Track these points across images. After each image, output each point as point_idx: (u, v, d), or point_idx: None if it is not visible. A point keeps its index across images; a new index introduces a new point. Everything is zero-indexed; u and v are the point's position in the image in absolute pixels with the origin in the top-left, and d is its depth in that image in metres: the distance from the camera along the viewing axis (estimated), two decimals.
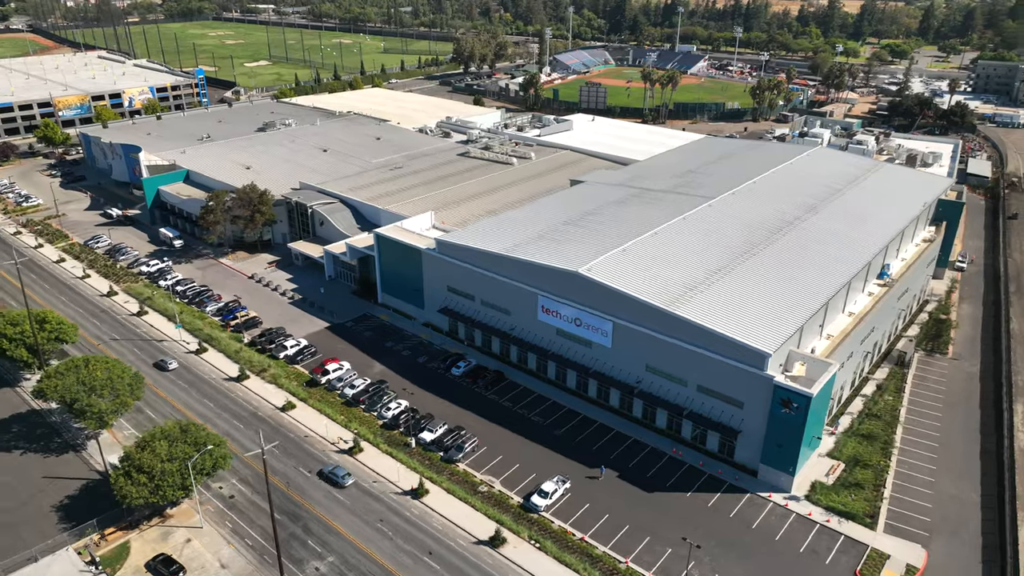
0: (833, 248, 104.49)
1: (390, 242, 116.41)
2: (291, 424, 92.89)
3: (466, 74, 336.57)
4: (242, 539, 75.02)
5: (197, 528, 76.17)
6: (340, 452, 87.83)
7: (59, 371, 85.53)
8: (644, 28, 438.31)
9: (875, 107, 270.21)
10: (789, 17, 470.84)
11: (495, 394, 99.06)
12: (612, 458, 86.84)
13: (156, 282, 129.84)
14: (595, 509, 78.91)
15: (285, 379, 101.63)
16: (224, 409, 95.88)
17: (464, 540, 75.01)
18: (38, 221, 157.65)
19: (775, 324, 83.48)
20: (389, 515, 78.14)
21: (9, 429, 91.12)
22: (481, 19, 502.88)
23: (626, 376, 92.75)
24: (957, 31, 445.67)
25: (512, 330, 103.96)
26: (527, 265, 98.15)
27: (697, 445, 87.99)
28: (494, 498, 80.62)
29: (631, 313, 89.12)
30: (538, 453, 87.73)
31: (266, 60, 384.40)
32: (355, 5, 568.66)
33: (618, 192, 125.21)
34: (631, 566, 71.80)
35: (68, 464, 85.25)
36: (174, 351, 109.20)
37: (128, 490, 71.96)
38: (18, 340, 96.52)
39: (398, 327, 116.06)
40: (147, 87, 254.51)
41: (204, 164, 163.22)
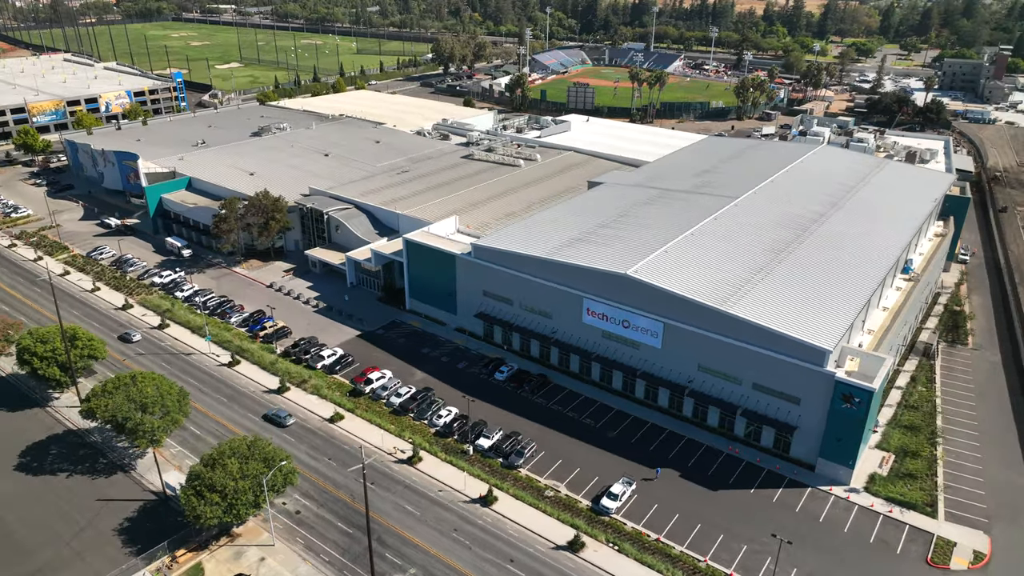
0: (861, 244, 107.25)
1: (421, 248, 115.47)
2: (343, 435, 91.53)
3: (446, 75, 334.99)
4: (317, 555, 73.76)
5: (269, 546, 74.62)
6: (398, 462, 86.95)
7: (107, 389, 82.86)
8: (617, 28, 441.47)
9: (851, 104, 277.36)
10: (755, 16, 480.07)
11: (542, 398, 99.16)
12: (670, 458, 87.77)
13: (172, 293, 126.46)
14: (664, 509, 79.68)
15: (327, 390, 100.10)
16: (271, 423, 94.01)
17: (542, 546, 75.02)
18: (32, 233, 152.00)
19: (827, 321, 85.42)
20: (462, 524, 77.68)
21: (49, 451, 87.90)
22: (451, 19, 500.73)
23: (676, 376, 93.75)
24: (915, 29, 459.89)
25: (554, 333, 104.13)
26: (572, 268, 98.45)
27: (751, 442, 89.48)
28: (562, 502, 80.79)
29: (683, 314, 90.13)
30: (596, 456, 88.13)
31: (237, 62, 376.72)
32: (321, 5, 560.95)
33: (641, 193, 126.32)
34: (711, 564, 72.76)
35: (119, 485, 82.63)
36: (205, 365, 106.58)
37: (202, 510, 70.09)
38: (49, 358, 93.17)
39: (431, 333, 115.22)
40: (124, 91, 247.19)
41: (205, 171, 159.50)
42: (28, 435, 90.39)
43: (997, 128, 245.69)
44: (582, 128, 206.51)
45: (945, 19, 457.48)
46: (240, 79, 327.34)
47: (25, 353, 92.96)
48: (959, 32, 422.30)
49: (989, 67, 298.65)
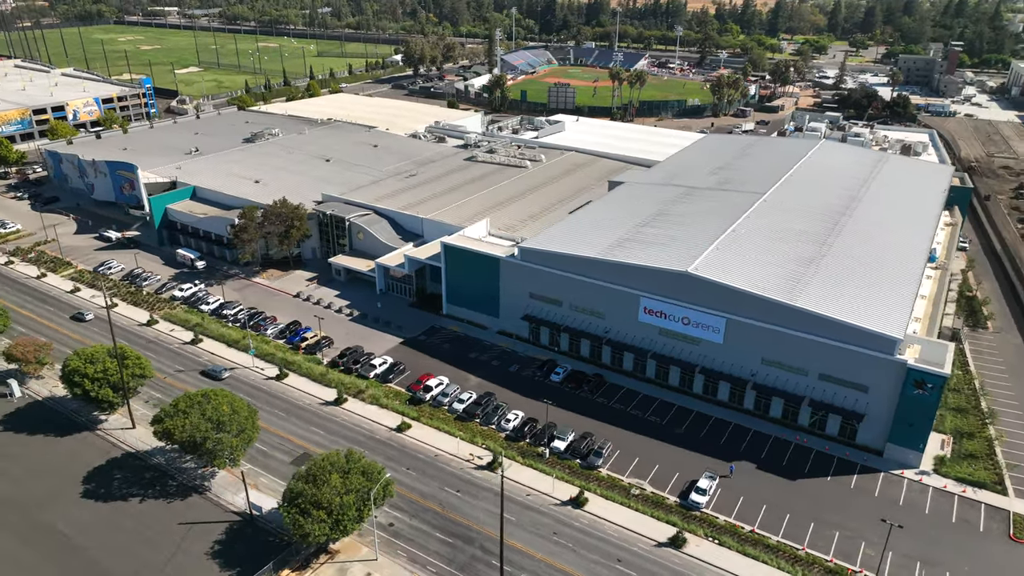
0: (891, 235, 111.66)
1: (461, 252, 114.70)
2: (415, 445, 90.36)
3: (416, 76, 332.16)
4: (423, 567, 72.76)
5: (372, 560, 73.23)
6: (479, 468, 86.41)
7: (180, 408, 79.89)
8: (580, 28, 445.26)
9: (818, 100, 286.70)
10: (707, 15, 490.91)
11: (602, 397, 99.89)
12: (741, 451, 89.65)
13: (196, 307, 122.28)
14: (751, 501, 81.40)
15: (385, 399, 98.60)
16: (336, 435, 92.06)
17: (644, 544, 75.74)
18: (28, 249, 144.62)
19: (888, 310, 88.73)
20: (560, 527, 77.75)
21: (113, 476, 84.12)
22: (409, 20, 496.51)
23: (739, 370, 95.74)
24: (860, 27, 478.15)
25: (607, 333, 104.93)
26: (629, 268, 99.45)
27: (815, 430, 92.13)
28: (650, 500, 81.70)
29: (746, 308, 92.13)
30: (669, 452, 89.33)
31: (195, 66, 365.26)
32: (272, 7, 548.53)
33: (667, 192, 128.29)
34: (809, 552, 74.77)
35: (198, 508, 79.72)
36: (251, 379, 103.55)
37: (310, 528, 68.34)
38: (101, 379, 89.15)
39: (474, 337, 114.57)
40: (91, 99, 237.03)
41: (207, 179, 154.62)
42: (85, 460, 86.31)
43: (959, 120, 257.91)
44: (575, 128, 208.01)
45: (887, 16, 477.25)
46: (204, 84, 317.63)
47: (75, 375, 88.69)
48: (902, 29, 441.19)
49: (941, 63, 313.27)
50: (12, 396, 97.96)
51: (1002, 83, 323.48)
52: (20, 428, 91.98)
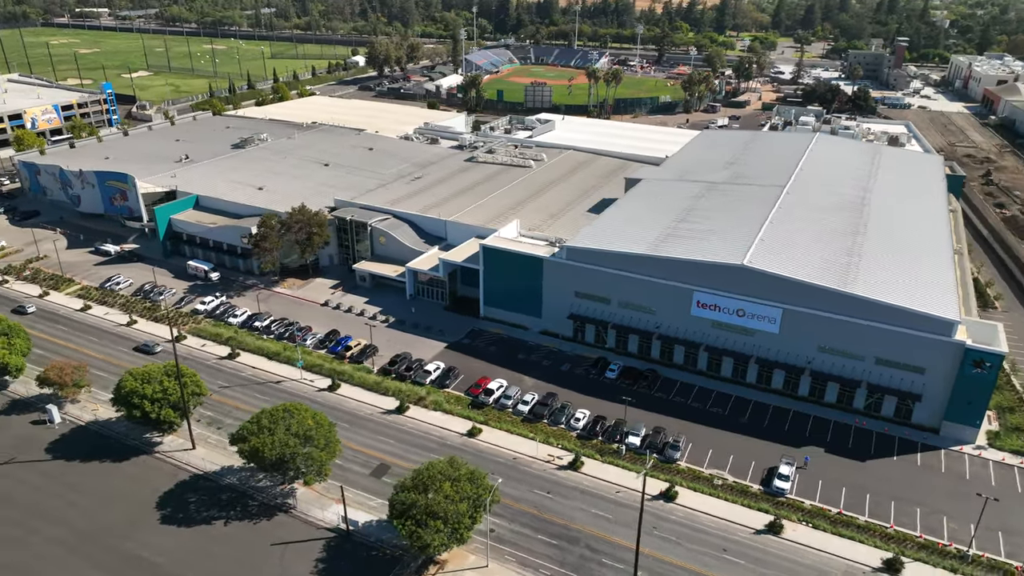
0: (913, 222, 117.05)
1: (500, 253, 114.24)
2: (490, 449, 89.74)
3: (382, 78, 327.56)
4: (535, 571, 72.50)
5: (482, 567, 72.52)
6: (561, 468, 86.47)
7: (263, 425, 77.21)
8: (538, 27, 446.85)
9: (780, 95, 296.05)
10: (655, 14, 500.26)
11: (660, 392, 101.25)
12: (807, 437, 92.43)
13: (223, 320, 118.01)
14: (830, 484, 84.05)
15: (447, 404, 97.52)
16: (407, 443, 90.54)
17: (743, 533, 77.35)
18: (20, 266, 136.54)
19: (938, 294, 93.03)
20: (658, 522, 78.57)
21: (187, 500, 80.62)
22: (360, 20, 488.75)
23: (794, 358, 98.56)
24: (801, 23, 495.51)
25: (657, 328, 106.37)
26: (681, 263, 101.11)
27: (872, 413, 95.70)
28: (735, 489, 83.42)
29: (801, 298, 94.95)
30: (739, 442, 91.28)
31: (145, 70, 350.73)
32: (213, 8, 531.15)
33: (688, 188, 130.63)
34: (898, 529, 77.84)
35: (287, 526, 77.23)
36: (303, 392, 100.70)
37: (429, 538, 67.23)
38: (160, 399, 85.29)
39: (517, 339, 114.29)
40: (50, 106, 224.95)
41: (207, 187, 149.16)
42: (153, 485, 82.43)
43: (915, 112, 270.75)
44: (563, 127, 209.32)
45: (825, 14, 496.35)
46: (159, 88, 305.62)
47: (132, 396, 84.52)
48: (841, 25, 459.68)
49: (889, 57, 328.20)
50: (52, 422, 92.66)
51: (943, 76, 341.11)
52: (72, 455, 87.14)
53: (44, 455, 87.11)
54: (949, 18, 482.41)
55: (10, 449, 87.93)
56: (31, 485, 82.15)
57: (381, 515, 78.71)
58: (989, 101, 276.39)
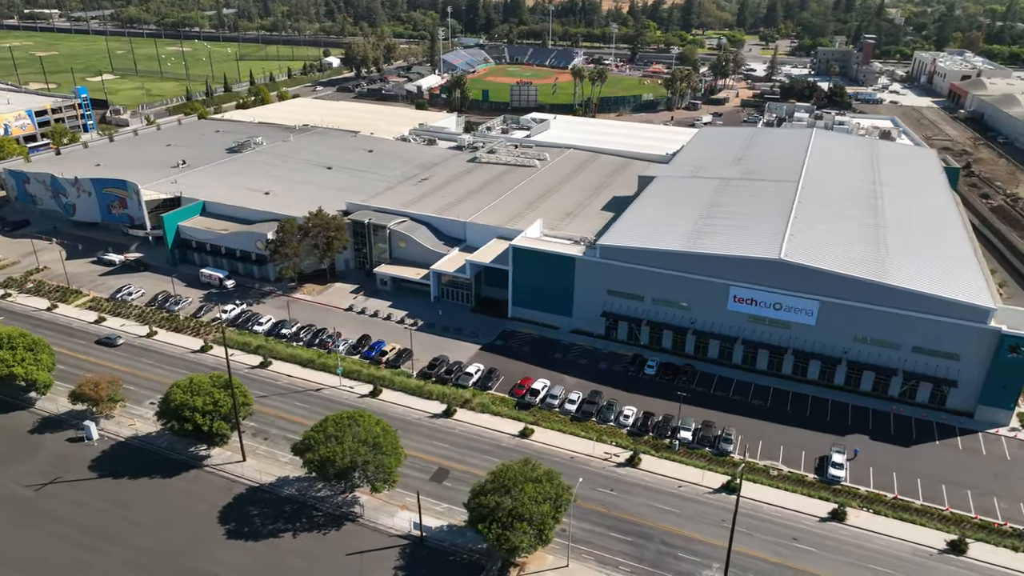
0: (927, 213, 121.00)
1: (530, 253, 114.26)
2: (545, 449, 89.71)
3: (360, 79, 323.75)
4: (615, 568, 72.87)
5: (563, 567, 72.59)
6: (619, 466, 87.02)
7: (330, 434, 75.95)
8: (512, 27, 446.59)
9: (757, 92, 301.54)
10: (622, 13, 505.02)
11: (700, 386, 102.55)
12: (849, 425, 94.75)
13: (247, 328, 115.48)
14: (880, 470, 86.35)
15: (494, 406, 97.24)
16: (461, 447, 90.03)
17: (808, 521, 78.97)
18: (20, 279, 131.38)
19: (970, 282, 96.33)
20: (726, 514, 79.31)
21: (249, 513, 78.73)
22: (327, 21, 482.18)
23: (830, 349, 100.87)
24: (764, 21, 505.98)
25: (692, 323, 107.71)
26: (717, 258, 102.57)
27: (906, 400, 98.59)
28: (791, 479, 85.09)
29: (838, 290, 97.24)
30: (785, 433, 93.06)
31: (110, 73, 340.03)
32: (171, 9, 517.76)
33: (705, 184, 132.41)
34: (953, 511, 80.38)
35: (358, 536, 76.09)
36: (344, 399, 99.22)
37: (517, 540, 67.05)
38: (212, 411, 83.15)
39: (550, 338, 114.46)
40: (23, 111, 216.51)
41: (211, 193, 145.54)
42: (210, 500, 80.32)
43: (887, 107, 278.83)
44: (559, 126, 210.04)
45: (787, 12, 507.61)
46: (130, 92, 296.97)
47: (183, 409, 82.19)
48: (803, 23, 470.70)
49: (857, 54, 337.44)
50: (91, 439, 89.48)
51: (907, 72, 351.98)
52: (119, 473, 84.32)
53: (89, 473, 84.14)
54: (903, 16, 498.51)
55: (51, 468, 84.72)
56: (84, 505, 79.31)
57: (450, 519, 78.37)
58: (956, 96, 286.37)
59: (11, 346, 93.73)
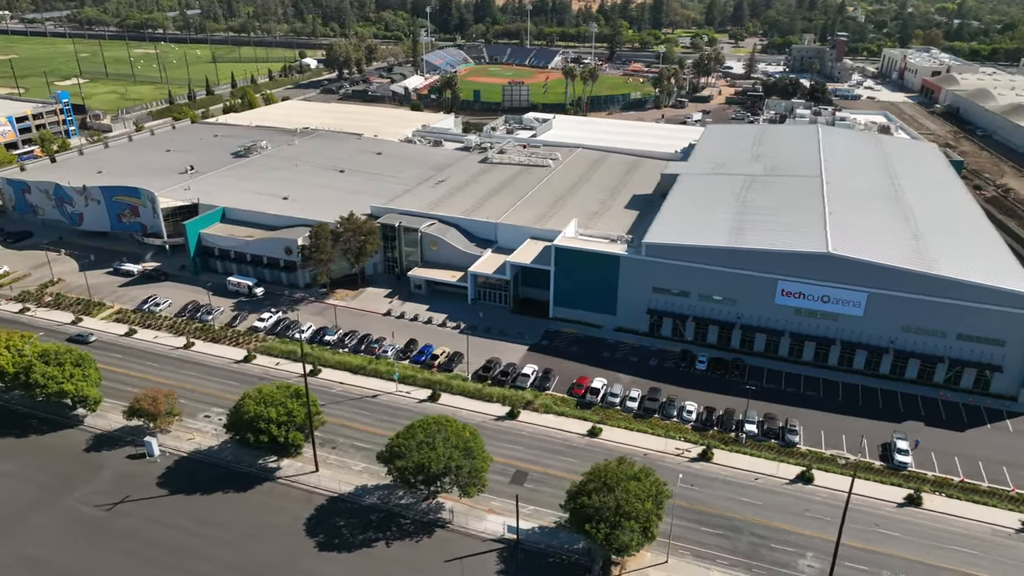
0: (947, 205, 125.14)
1: (573, 253, 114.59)
2: (617, 447, 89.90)
3: (342, 80, 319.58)
4: (712, 562, 73.69)
5: (662, 563, 73.12)
6: (693, 461, 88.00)
7: (419, 440, 75.18)
8: (489, 27, 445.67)
9: (740, 90, 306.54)
10: (591, 12, 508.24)
11: (752, 380, 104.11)
12: (902, 412, 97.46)
13: (288, 336, 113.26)
14: (942, 455, 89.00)
15: (556, 406, 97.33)
16: (533, 448, 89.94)
17: (886, 508, 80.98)
18: (36, 292, 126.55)
19: (1010, 269, 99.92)
20: (808, 504, 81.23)
21: (336, 524, 77.38)
22: (297, 21, 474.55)
23: (877, 339, 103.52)
24: (731, 20, 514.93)
25: (739, 318, 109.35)
26: (765, 253, 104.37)
27: (951, 386, 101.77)
28: (860, 467, 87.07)
29: (886, 281, 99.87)
30: (843, 422, 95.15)
31: (79, 77, 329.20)
32: (130, 10, 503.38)
33: (730, 181, 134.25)
34: (1020, 492, 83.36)
35: (451, 542, 75.46)
36: (404, 405, 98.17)
37: (627, 538, 67.41)
38: (286, 422, 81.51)
39: (595, 337, 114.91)
40: (4, 118, 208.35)
41: (226, 199, 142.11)
42: (291, 512, 78.70)
43: (865, 102, 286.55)
44: (560, 125, 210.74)
45: (753, 10, 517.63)
46: (105, 96, 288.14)
47: (259, 421, 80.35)
48: (770, 22, 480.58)
49: (830, 51, 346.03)
50: (152, 456, 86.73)
51: (877, 69, 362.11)
52: (190, 488, 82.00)
53: (159, 490, 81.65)
54: (863, 14, 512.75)
55: (118, 487, 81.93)
56: (162, 523, 76.93)
57: (538, 521, 78.24)
58: (929, 91, 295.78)
59: (58, 362, 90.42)
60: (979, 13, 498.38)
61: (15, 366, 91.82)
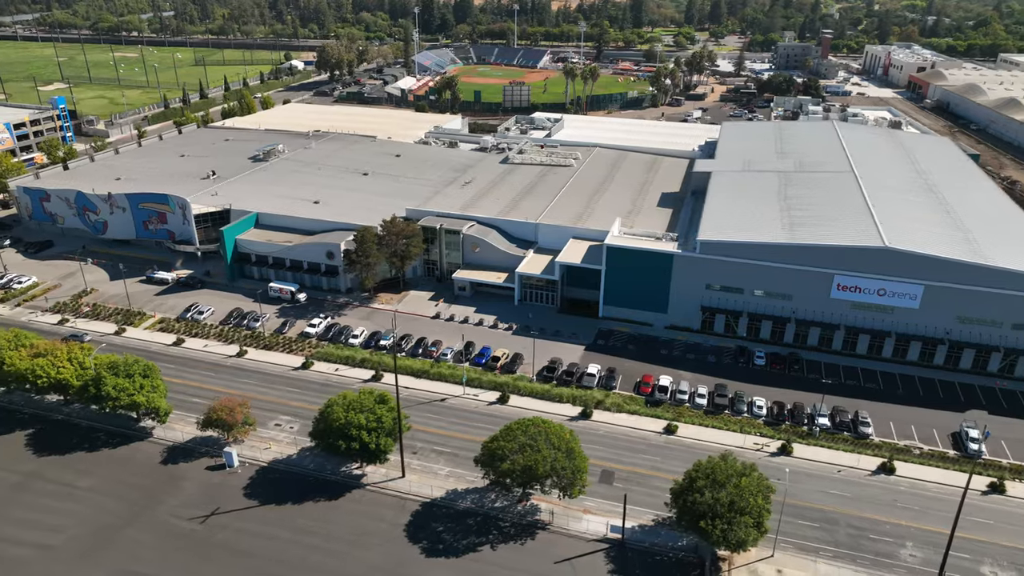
0: (978, 195, 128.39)
1: (625, 252, 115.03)
2: (696, 444, 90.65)
3: (334, 82, 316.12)
4: (817, 554, 74.57)
5: (769, 558, 73.79)
6: (773, 455, 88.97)
7: (523, 443, 74.91)
8: (475, 27, 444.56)
9: (731, 88, 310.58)
10: (570, 12, 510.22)
11: (812, 374, 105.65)
12: (962, 400, 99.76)
13: (341, 342, 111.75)
14: (1013, 442, 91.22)
15: (626, 405, 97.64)
16: (613, 447, 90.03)
17: (969, 495, 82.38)
18: (72, 303, 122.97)
19: None
20: (894, 495, 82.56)
21: (435, 530, 76.60)
22: (277, 24, 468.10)
23: (933, 331, 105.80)
24: (709, 18, 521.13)
25: (794, 313, 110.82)
26: (820, 249, 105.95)
27: (1005, 375, 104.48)
28: (934, 456, 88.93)
29: (942, 273, 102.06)
30: (909, 413, 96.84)
31: (60, 82, 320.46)
32: (104, 13, 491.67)
33: (766, 178, 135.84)
34: None
35: (556, 543, 75.18)
36: (472, 408, 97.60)
37: (744, 533, 67.96)
38: (376, 428, 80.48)
39: (648, 335, 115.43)
40: (2, 125, 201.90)
41: (256, 204, 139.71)
42: (387, 519, 77.77)
43: (856, 98, 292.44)
44: (571, 125, 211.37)
45: (730, 8, 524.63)
46: (93, 101, 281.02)
47: (350, 428, 79.15)
48: (748, 20, 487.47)
49: (816, 49, 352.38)
50: (232, 466, 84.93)
51: (861, 65, 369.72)
52: (280, 498, 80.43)
53: (248, 501, 79.97)
54: (836, 11, 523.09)
55: (205, 500, 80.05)
56: (260, 535, 75.34)
57: (638, 520, 78.36)
58: (916, 86, 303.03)
59: (127, 373, 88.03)
60: (947, 10, 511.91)
61: (79, 379, 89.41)
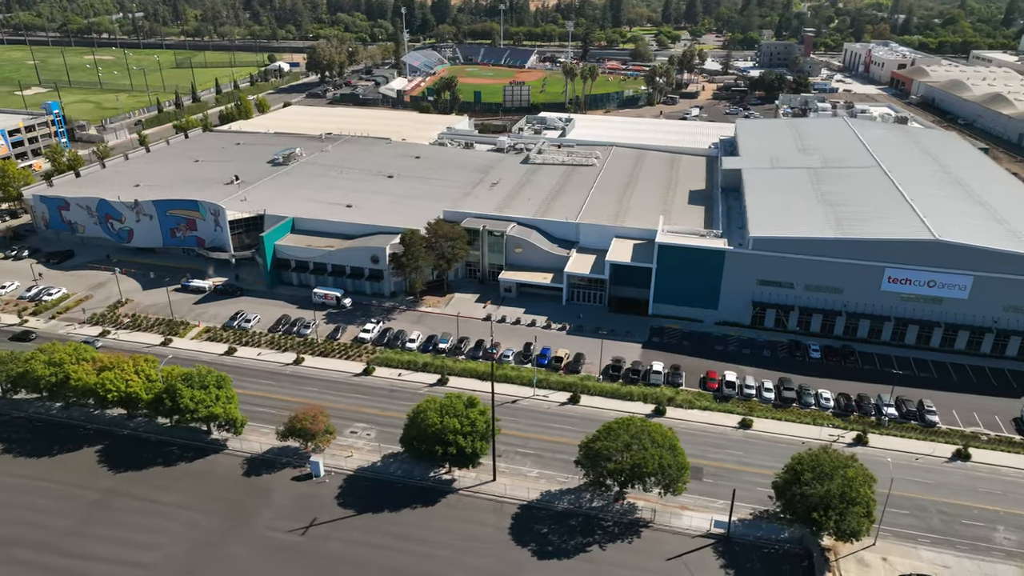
0: (1006, 186, 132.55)
1: (676, 249, 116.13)
2: (774, 437, 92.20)
3: (326, 83, 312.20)
4: (916, 541, 76.32)
5: (871, 546, 75.24)
6: (850, 446, 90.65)
7: (626, 441, 75.33)
8: (461, 27, 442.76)
9: (722, 86, 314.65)
10: (548, 11, 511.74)
11: (867, 365, 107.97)
12: (1015, 387, 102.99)
13: (398, 346, 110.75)
14: None
15: (696, 400, 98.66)
16: (694, 444, 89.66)
17: None
18: (109, 313, 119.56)
19: None
20: (976, 481, 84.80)
21: (538, 531, 76.54)
22: (254, 25, 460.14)
23: (980, 320, 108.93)
24: (684, 17, 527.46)
25: (844, 306, 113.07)
26: (871, 243, 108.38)
27: None
28: (1003, 442, 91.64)
29: (990, 264, 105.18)
30: (969, 401, 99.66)
31: (38, 86, 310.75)
32: (70, 14, 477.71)
33: (797, 175, 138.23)
34: None
35: (660, 541, 75.77)
36: (544, 409, 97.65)
37: (856, 523, 69.50)
38: (470, 433, 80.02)
39: (701, 332, 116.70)
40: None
41: (287, 209, 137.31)
42: (490, 523, 77.54)
43: (843, 95, 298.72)
44: (581, 124, 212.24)
45: (706, 8, 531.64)
46: (79, 106, 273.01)
47: (446, 433, 78.56)
48: (724, 19, 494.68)
49: (799, 46, 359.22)
50: (318, 476, 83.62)
51: (841, 62, 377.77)
52: (376, 506, 79.54)
53: (344, 511, 78.84)
54: (808, 10, 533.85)
55: (300, 511, 78.67)
56: (365, 544, 74.36)
57: (738, 514, 79.16)
58: (899, 82, 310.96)
59: (202, 384, 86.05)
60: (912, 9, 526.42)
61: (148, 391, 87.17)
